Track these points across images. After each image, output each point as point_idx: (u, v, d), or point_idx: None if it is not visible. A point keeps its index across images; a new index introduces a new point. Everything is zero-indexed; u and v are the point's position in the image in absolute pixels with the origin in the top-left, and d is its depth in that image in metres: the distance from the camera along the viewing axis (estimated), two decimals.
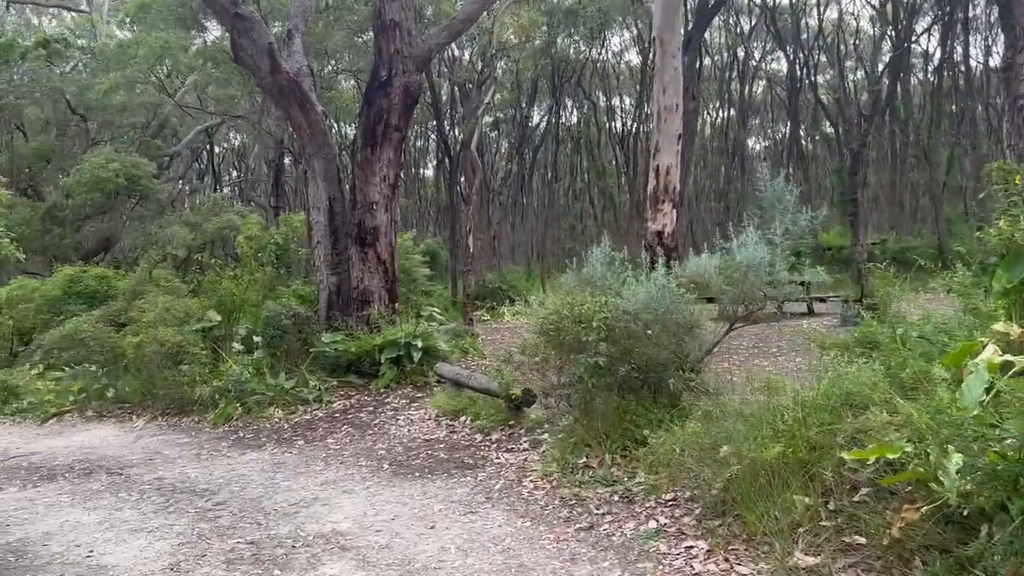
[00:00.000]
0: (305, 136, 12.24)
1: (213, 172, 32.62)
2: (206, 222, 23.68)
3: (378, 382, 11.27)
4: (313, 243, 12.73)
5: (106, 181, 21.55)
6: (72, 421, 12.19)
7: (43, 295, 16.55)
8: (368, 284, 11.98)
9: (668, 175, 12.41)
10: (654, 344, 6.38)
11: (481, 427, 8.42)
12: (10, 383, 13.40)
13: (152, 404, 11.70)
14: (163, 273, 16.18)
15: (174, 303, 12.20)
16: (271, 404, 10.63)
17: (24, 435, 11.63)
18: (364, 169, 11.82)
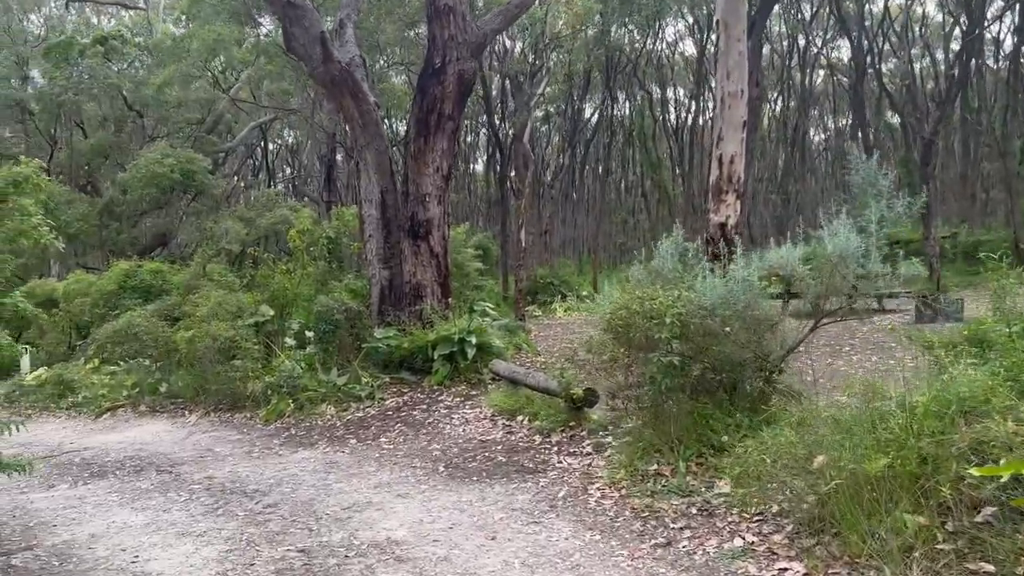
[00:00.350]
0: (357, 127, 11.96)
1: (267, 168, 32.86)
2: (259, 217, 23.80)
3: (431, 379, 10.92)
4: (365, 237, 12.45)
5: (161, 176, 21.76)
6: (125, 416, 12.17)
7: (99, 289, 16.69)
8: (420, 278, 11.65)
9: (732, 164, 11.78)
10: (732, 342, 5.85)
11: (540, 428, 7.98)
12: (65, 377, 13.47)
13: (204, 400, 11.58)
14: (217, 268, 16.15)
15: (226, 297, 12.06)
16: (323, 401, 10.37)
17: (78, 430, 11.62)
18: (417, 160, 11.48)
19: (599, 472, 6.36)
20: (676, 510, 5.32)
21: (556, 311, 25.03)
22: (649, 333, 5.57)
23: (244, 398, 11.05)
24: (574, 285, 26.78)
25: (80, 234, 22.05)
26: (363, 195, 12.31)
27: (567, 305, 25.66)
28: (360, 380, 10.63)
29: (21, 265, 21.48)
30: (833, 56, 40.39)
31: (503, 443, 7.92)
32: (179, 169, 22.18)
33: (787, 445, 4.82)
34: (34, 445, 10.70)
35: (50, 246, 5.87)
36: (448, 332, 10.89)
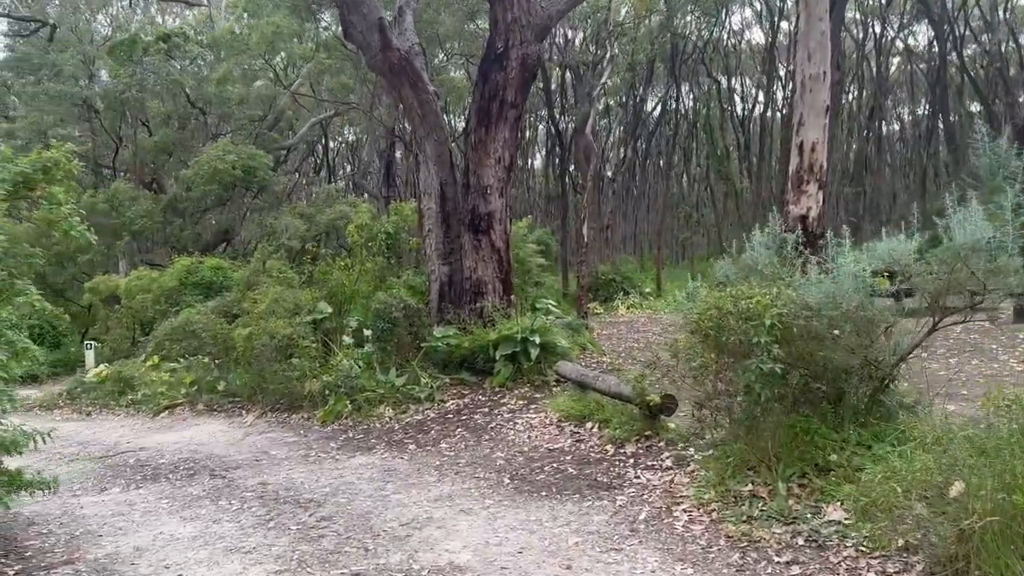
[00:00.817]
0: (416, 117, 11.49)
1: (328, 166, 32.92)
2: (319, 214, 23.70)
3: (493, 380, 10.38)
4: (424, 231, 11.99)
5: (223, 173, 21.81)
6: (183, 415, 11.98)
7: (160, 286, 16.69)
8: (481, 274, 11.12)
9: (814, 152, 10.97)
10: (842, 347, 5.12)
11: (612, 437, 7.34)
12: (125, 374, 13.40)
13: (262, 399, 11.29)
14: (277, 264, 15.95)
15: (283, 294, 11.76)
16: (381, 402, 9.94)
17: (136, 428, 11.47)
18: (478, 150, 10.95)
19: (684, 490, 5.70)
20: (779, 540, 4.63)
21: (618, 308, 24.28)
22: (746, 336, 4.88)
23: (301, 398, 10.70)
24: (637, 282, 25.98)
25: (144, 231, 22.29)
26: (422, 188, 11.85)
27: (630, 302, 24.89)
28: (419, 381, 10.16)
29: (86, 262, 21.85)
30: (911, 42, 38.44)
31: (572, 453, 7.31)
32: (240, 165, 22.21)
33: (923, 471, 4.08)
34: (91, 444, 10.57)
35: (80, 239, 5.46)
36: (510, 331, 10.33)
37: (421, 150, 11.68)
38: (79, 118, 24.69)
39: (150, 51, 21.72)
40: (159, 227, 22.15)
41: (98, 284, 19.27)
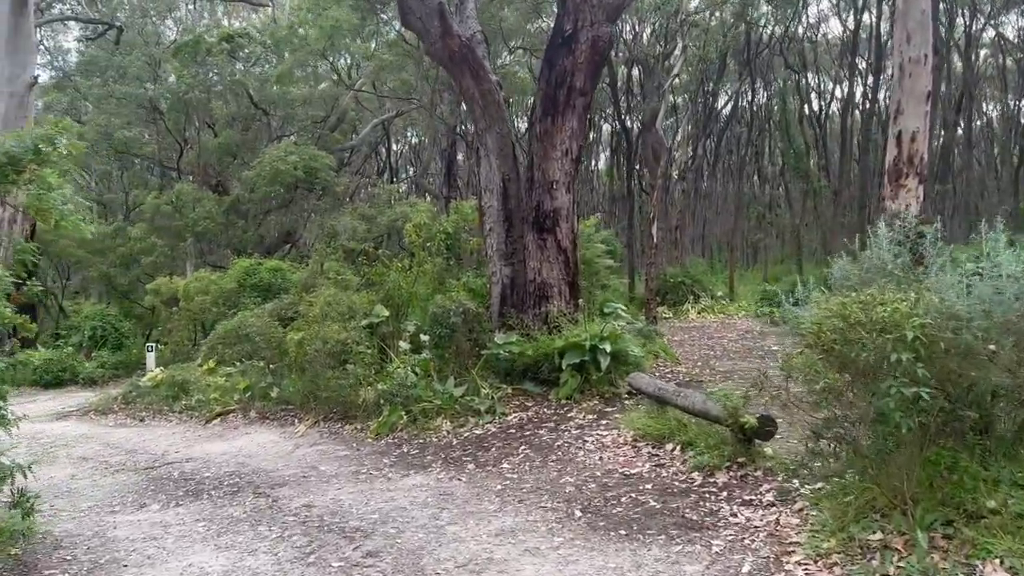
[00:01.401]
0: (477, 108, 10.75)
1: (390, 167, 32.62)
2: (380, 215, 23.28)
3: (558, 392, 9.54)
4: (485, 230, 11.24)
5: (285, 174, 21.57)
6: (234, 422, 11.51)
7: (219, 287, 16.41)
8: (546, 276, 10.29)
9: (913, 142, 9.85)
10: (1000, 366, 4.11)
11: (699, 464, 6.41)
12: (179, 378, 13.04)
13: (315, 407, 10.70)
14: (334, 265, 15.45)
15: (337, 296, 11.17)
16: (438, 414, 9.20)
17: (186, 436, 11.03)
18: (543, 142, 10.13)
19: (794, 535, 4.75)
20: None
21: (688, 313, 23.09)
22: (882, 352, 3.92)
23: (356, 407, 10.07)
24: (707, 285, 24.73)
25: (207, 232, 22.23)
26: (483, 184, 11.10)
27: (701, 306, 23.67)
28: (479, 391, 9.39)
29: (150, 263, 21.91)
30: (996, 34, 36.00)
31: (653, 480, 6.40)
32: (302, 166, 21.94)
33: None
34: (140, 453, 10.16)
35: (73, 230, 4.84)
36: (578, 338, 9.46)
37: (482, 144, 10.93)
38: (145, 120, 24.89)
39: (213, 52, 21.66)
40: (222, 229, 22.07)
41: (159, 286, 19.19)
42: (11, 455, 9.98)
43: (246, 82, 23.29)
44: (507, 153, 10.84)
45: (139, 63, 23.42)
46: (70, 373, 17.73)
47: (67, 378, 17.71)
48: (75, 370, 17.79)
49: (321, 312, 11.42)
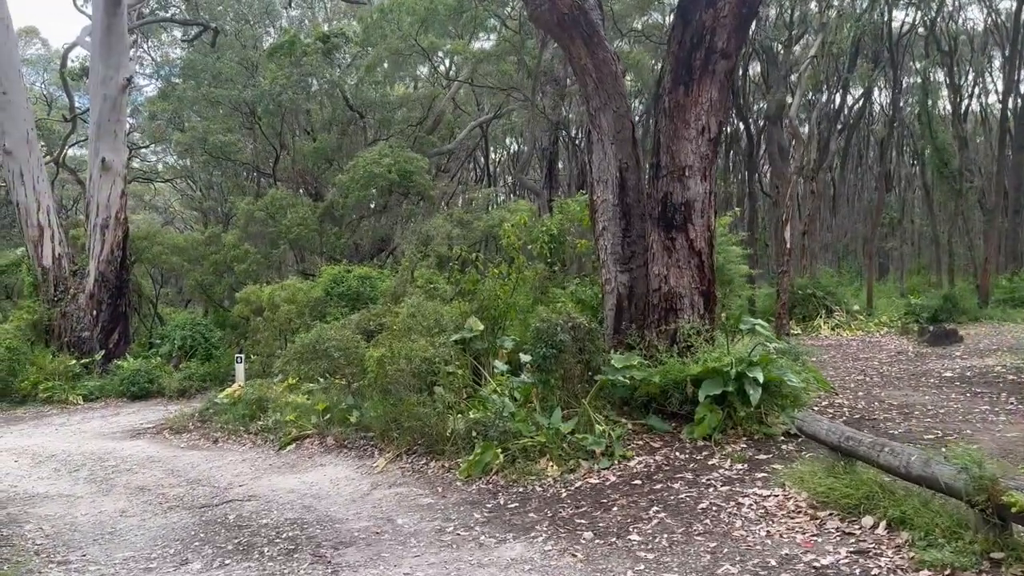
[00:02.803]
0: (590, 82, 8.96)
1: (487, 173, 31.31)
2: (476, 220, 21.84)
3: (692, 430, 7.60)
4: (596, 230, 9.42)
5: (379, 177, 20.43)
6: (310, 449, 10.09)
7: (306, 296, 15.25)
8: (675, 284, 8.36)
9: None
10: None
11: (930, 561, 4.34)
12: (255, 396, 11.82)
13: (397, 437, 9.12)
14: (425, 273, 14.02)
15: (422, 306, 9.62)
16: (542, 454, 7.43)
17: (256, 465, 9.69)
18: (674, 118, 8.22)
19: None
20: None
21: (820, 329, 20.48)
22: None
23: (443, 440, 8.42)
24: (841, 298, 21.97)
25: (300, 239, 21.35)
26: (595, 174, 9.29)
27: (835, 322, 20.99)
28: (593, 426, 7.55)
29: (243, 271, 21.18)
30: None
31: None
32: (397, 169, 20.76)
33: None
34: (201, 484, 8.87)
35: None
36: (719, 363, 7.49)
37: (595, 126, 9.12)
38: (242, 125, 24.44)
39: (309, 52, 20.84)
40: (315, 235, 21.16)
41: (249, 294, 18.30)
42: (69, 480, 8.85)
43: (342, 83, 22.38)
44: (625, 136, 9.00)
45: (233, 64, 22.91)
46: (157, 384, 17.01)
47: (154, 389, 16.98)
48: (162, 381, 17.05)
49: (405, 325, 9.89)
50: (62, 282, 18.44)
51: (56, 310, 18.11)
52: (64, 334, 18.06)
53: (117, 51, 18.57)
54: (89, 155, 19.94)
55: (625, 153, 8.98)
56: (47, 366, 16.83)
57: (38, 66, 34.84)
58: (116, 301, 18.84)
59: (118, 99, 18.71)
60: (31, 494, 8.99)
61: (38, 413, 15.60)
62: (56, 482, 9.55)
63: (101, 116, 18.66)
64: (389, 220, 23.95)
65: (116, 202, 18.86)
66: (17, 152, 18.03)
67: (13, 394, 16.25)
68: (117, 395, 16.95)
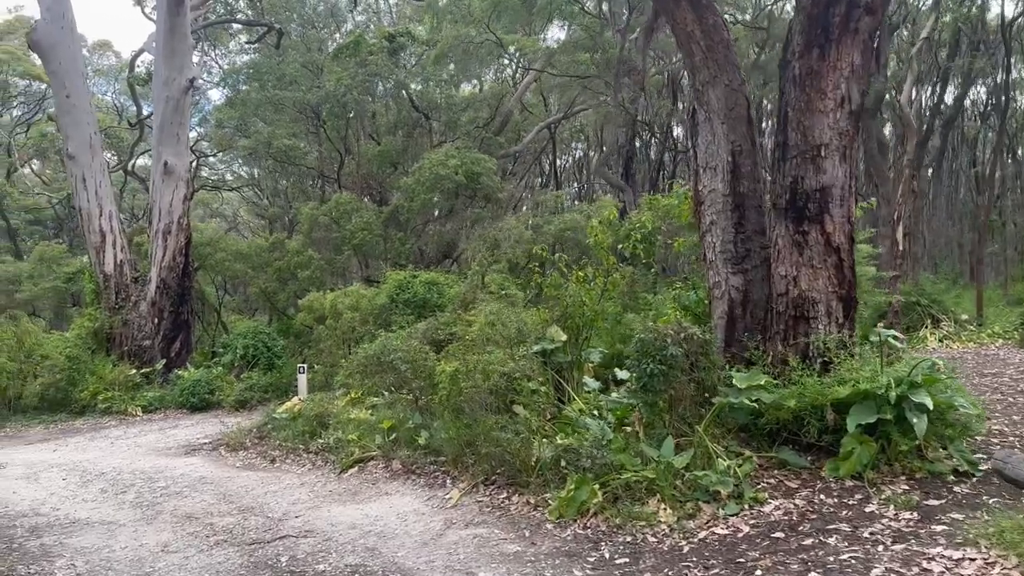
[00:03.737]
0: (697, 52, 7.66)
1: (555, 176, 30.11)
2: (547, 224, 20.65)
3: (837, 466, 6.18)
4: (703, 225, 8.07)
5: (445, 179, 19.44)
6: (374, 473, 8.99)
7: (370, 303, 14.27)
8: (806, 287, 6.94)
9: None
10: None
11: None
12: (316, 411, 10.82)
13: (472, 464, 7.94)
14: (497, 278, 12.87)
15: (502, 313, 8.43)
16: (651, 492, 6.13)
17: (315, 490, 8.63)
18: (806, 88, 6.84)
19: None
20: None
21: (926, 340, 18.53)
22: None
23: (527, 469, 7.19)
24: (948, 306, 19.92)
25: (364, 244, 20.49)
26: (701, 160, 7.96)
27: (942, 332, 18.99)
28: (713, 461, 6.20)
29: (307, 278, 20.43)
30: None
31: None
32: (463, 171, 19.74)
33: None
34: (254, 514, 7.84)
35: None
36: (873, 384, 6.06)
37: (702, 103, 7.80)
38: (307, 131, 23.82)
39: (374, 51, 20.05)
40: (380, 241, 20.29)
41: (312, 302, 17.49)
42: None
43: (407, 84, 21.50)
44: (739, 114, 7.65)
45: (297, 66, 22.28)
46: (218, 395, 16.29)
47: (215, 401, 16.27)
48: (223, 392, 16.33)
49: (481, 334, 8.71)
50: (123, 289, 17.96)
51: (117, 318, 17.62)
52: (125, 343, 17.55)
53: (180, 52, 18.07)
54: (152, 160, 19.55)
55: (739, 134, 7.63)
56: (107, 376, 16.31)
57: (109, 76, 35.26)
58: (178, 309, 18.26)
59: (180, 101, 18.20)
60: (71, 520, 8.14)
61: (96, 424, 15.03)
62: (100, 506, 8.70)
63: (164, 119, 18.19)
64: (455, 225, 22.94)
65: (179, 207, 18.33)
66: (80, 156, 17.65)
67: (73, 404, 15.74)
68: (177, 406, 16.30)
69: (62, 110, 17.96)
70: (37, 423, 15.03)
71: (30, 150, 31.90)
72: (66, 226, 32.06)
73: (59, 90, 17.74)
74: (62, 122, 18.11)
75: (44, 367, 15.63)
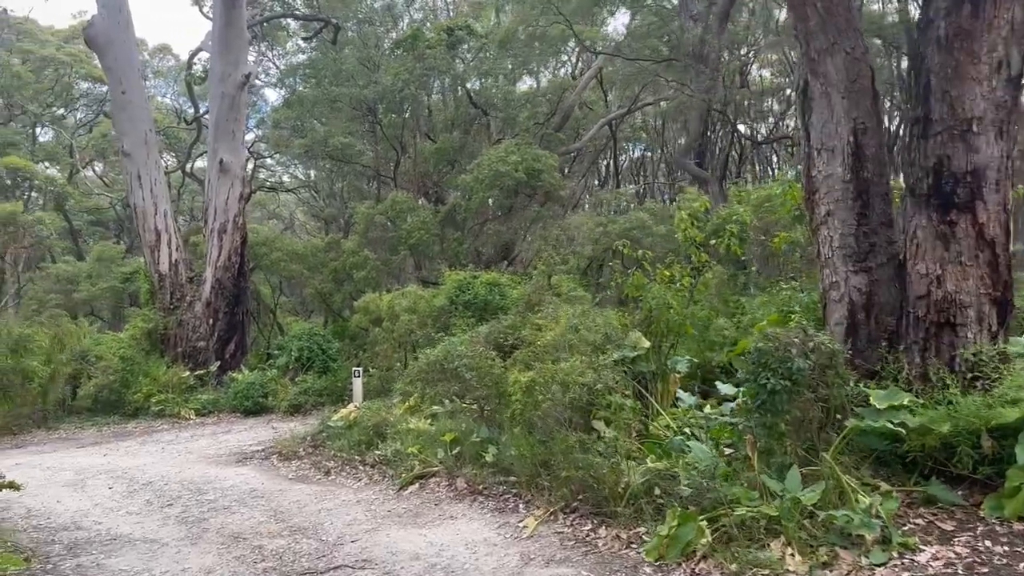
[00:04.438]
0: (813, 15, 6.61)
1: (616, 173, 29.04)
2: (611, 223, 19.64)
3: (1001, 503, 5.08)
4: (816, 216, 7.00)
5: (505, 176, 18.60)
6: (436, 492, 8.14)
7: (428, 305, 13.48)
8: (955, 288, 5.84)
9: None
10: None
11: None
12: (372, 421, 10.04)
13: (549, 487, 7.01)
14: (566, 279, 11.95)
15: (587, 316, 7.50)
16: (772, 533, 5.11)
17: (372, 510, 7.82)
18: (953, 51, 5.74)
19: None
20: None
21: None
22: None
23: (615, 497, 6.24)
24: None
25: (420, 244, 19.78)
26: (814, 142, 6.90)
27: None
28: (849, 497, 5.15)
29: (363, 278, 19.81)
30: None
31: None
32: (524, 167, 18.87)
33: None
34: (306, 536, 7.06)
35: None
36: None
37: (817, 75, 6.74)
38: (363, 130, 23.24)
39: (433, 45, 19.36)
40: (436, 240, 19.56)
41: (368, 303, 16.82)
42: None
43: (465, 79, 20.73)
44: (862, 87, 6.57)
45: (353, 62, 21.69)
46: (272, 399, 15.73)
47: (268, 405, 15.72)
48: (277, 395, 15.76)
49: (561, 340, 7.79)
50: (178, 289, 17.59)
51: (172, 318, 17.23)
52: (179, 344, 17.16)
53: (235, 48, 17.64)
54: (207, 157, 19.19)
55: (862, 110, 6.56)
56: (161, 377, 15.89)
57: (168, 78, 35.49)
58: (233, 309, 17.82)
59: (236, 97, 17.77)
60: (113, 536, 7.50)
61: (148, 428, 14.59)
62: (144, 520, 8.06)
63: (219, 115, 17.78)
64: (513, 225, 22.04)
65: (234, 205, 17.89)
66: (135, 154, 17.35)
67: (126, 406, 15.35)
68: (230, 410, 15.80)
69: (117, 106, 17.69)
70: (90, 425, 14.67)
71: (91, 151, 32.21)
72: (126, 228, 32.28)
73: (115, 86, 17.47)
74: (117, 118, 17.84)
75: (98, 368, 15.29)
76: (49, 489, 9.67)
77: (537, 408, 6.80)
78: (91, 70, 30.88)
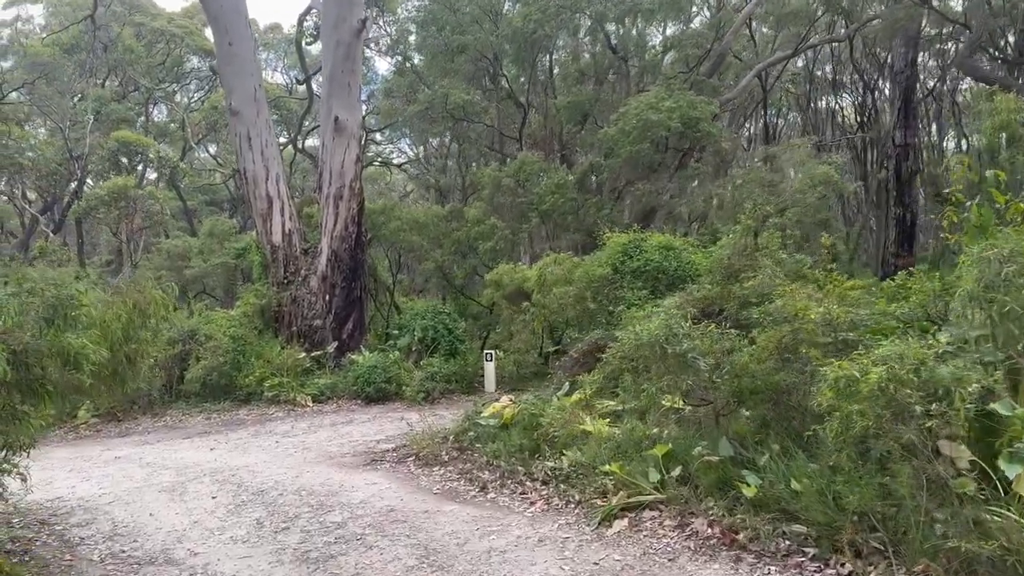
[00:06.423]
0: None
1: (766, 126, 25.56)
2: (782, 180, 16.57)
3: None
4: None
5: (658, 125, 15.79)
6: (660, 537, 5.53)
7: (586, 273, 10.91)
8: None
9: None
10: None
11: None
12: (534, 417, 7.57)
13: (883, 554, 4.28)
14: (774, 238, 9.14)
15: None
16: None
17: (566, 557, 5.32)
18: None
19: None
20: None
21: None
22: None
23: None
24: None
25: (553, 211, 17.25)
26: None
27: None
28: None
29: (488, 250, 17.50)
30: None
31: None
32: (679, 115, 16.00)
33: None
34: None
35: None
36: None
37: None
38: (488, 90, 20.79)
39: None
40: (572, 204, 16.97)
41: (501, 276, 14.47)
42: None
43: (604, 11, 17.89)
44: None
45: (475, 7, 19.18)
46: (396, 384, 13.63)
47: (392, 391, 13.63)
48: (401, 380, 13.65)
49: (843, 316, 5.01)
50: (292, 262, 15.74)
51: (286, 294, 15.40)
52: (293, 322, 15.31)
53: None
54: (321, 116, 17.23)
55: None
56: (274, 359, 14.05)
57: (278, 50, 34.32)
58: (351, 284, 15.83)
59: (352, 45, 15.68)
60: None
61: (261, 415, 12.77)
62: (252, 552, 5.93)
63: (334, 68, 15.74)
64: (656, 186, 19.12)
65: (351, 169, 15.86)
66: (244, 112, 15.55)
67: (237, 391, 13.60)
68: (350, 396, 13.80)
69: (223, 60, 15.94)
70: (198, 412, 12.99)
71: (203, 127, 31.37)
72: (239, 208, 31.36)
73: (221, 36, 15.70)
74: (224, 72, 16.11)
75: (207, 348, 13.62)
76: (144, 495, 7.79)
77: (864, 419, 4.08)
78: (202, 42, 29.93)
